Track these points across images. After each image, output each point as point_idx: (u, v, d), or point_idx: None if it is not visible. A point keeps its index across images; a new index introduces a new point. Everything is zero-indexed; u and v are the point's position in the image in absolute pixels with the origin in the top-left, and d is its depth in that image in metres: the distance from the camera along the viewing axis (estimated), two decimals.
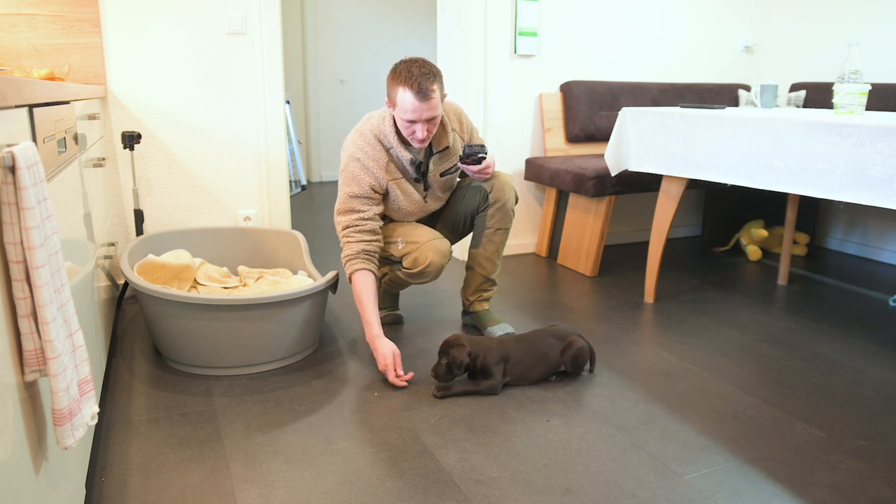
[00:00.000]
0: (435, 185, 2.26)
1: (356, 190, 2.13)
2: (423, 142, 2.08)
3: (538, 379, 2.02)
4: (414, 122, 2.03)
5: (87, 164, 1.88)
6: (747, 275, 3.24)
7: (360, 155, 2.13)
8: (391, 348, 2.02)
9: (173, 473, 1.54)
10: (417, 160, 2.18)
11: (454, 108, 2.28)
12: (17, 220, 0.86)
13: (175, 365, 2.11)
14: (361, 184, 2.13)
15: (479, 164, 2.18)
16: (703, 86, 3.77)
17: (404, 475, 1.55)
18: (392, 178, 2.17)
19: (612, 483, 1.52)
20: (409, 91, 1.97)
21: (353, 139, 2.18)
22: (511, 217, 2.32)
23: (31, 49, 2.53)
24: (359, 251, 2.12)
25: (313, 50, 6.09)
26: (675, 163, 2.53)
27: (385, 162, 2.15)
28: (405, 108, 2.00)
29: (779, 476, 1.56)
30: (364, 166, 2.13)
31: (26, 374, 0.91)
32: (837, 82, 2.22)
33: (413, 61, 2.01)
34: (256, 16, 2.84)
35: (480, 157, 2.17)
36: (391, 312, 2.54)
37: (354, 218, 2.13)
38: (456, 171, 2.29)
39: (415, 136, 2.05)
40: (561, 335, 2.06)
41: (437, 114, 2.04)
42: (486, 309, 2.44)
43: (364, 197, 2.13)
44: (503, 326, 2.37)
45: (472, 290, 2.43)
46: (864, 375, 2.11)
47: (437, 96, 2.01)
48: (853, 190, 1.96)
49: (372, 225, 2.14)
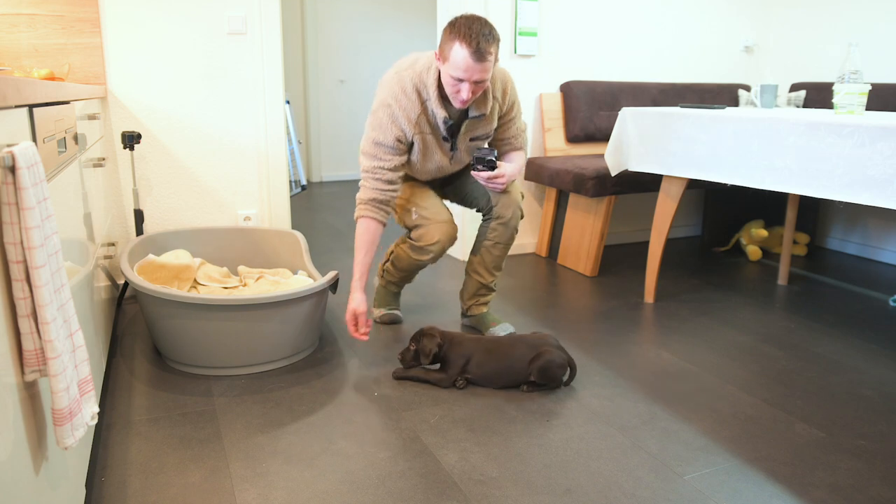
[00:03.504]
0: (461, 149, 2.21)
1: (380, 138, 2.09)
2: (466, 103, 2.00)
3: (505, 385, 1.98)
4: (461, 81, 1.95)
5: (87, 164, 1.88)
6: (747, 275, 3.24)
7: (391, 102, 2.07)
8: (356, 307, 2.11)
9: (173, 473, 1.54)
10: (451, 121, 2.12)
11: (502, 76, 2.18)
12: (17, 220, 0.86)
13: (175, 365, 2.11)
14: (386, 133, 2.09)
15: (492, 169, 2.10)
16: (703, 86, 3.77)
17: (404, 475, 1.54)
18: (419, 131, 2.11)
19: (612, 483, 1.52)
20: (465, 48, 1.89)
21: (391, 82, 2.10)
22: (513, 234, 2.30)
23: (31, 49, 2.53)
24: (370, 199, 2.13)
25: (313, 50, 6.09)
26: (675, 163, 2.53)
27: (417, 115, 2.09)
28: (457, 64, 1.92)
29: (779, 476, 1.56)
30: (393, 115, 2.08)
31: (26, 374, 0.91)
32: (837, 82, 2.22)
33: (475, 19, 1.92)
34: (256, 16, 2.84)
35: (490, 159, 2.09)
36: (389, 311, 2.53)
37: (375, 165, 2.12)
38: (485, 140, 2.23)
39: (459, 94, 1.98)
40: (535, 344, 1.98)
41: (487, 77, 1.96)
42: (484, 312, 2.43)
43: (388, 146, 2.10)
44: (504, 326, 2.37)
45: (470, 296, 2.43)
46: (864, 375, 2.11)
47: (492, 60, 1.94)
48: (853, 190, 1.96)
49: (391, 176, 2.12)
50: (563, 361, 1.97)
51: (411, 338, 2.01)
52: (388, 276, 2.48)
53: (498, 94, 2.17)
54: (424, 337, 1.98)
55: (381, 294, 2.56)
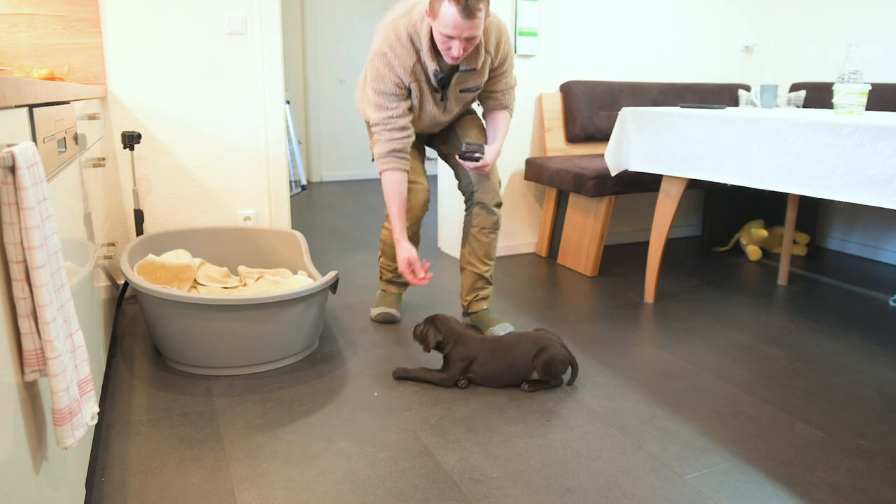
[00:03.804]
0: (452, 99, 2.23)
1: (381, 86, 2.12)
2: (457, 59, 2.01)
3: (507, 383, 1.99)
4: (452, 38, 1.95)
5: (87, 164, 1.88)
6: (747, 275, 3.24)
7: (387, 50, 2.08)
8: (407, 255, 2.15)
9: (173, 473, 1.54)
10: (441, 74, 2.13)
11: (496, 28, 2.16)
12: (17, 220, 0.86)
13: (175, 365, 2.11)
14: (385, 81, 2.11)
15: (476, 161, 2.19)
16: (703, 86, 3.77)
17: (404, 475, 1.54)
18: (415, 79, 2.13)
19: (612, 483, 1.52)
20: (454, 5, 1.88)
21: (387, 30, 2.10)
22: (497, 220, 2.35)
23: (31, 49, 2.53)
24: (389, 150, 2.15)
25: (313, 50, 6.09)
26: (676, 163, 2.53)
27: (413, 63, 2.10)
28: (446, 22, 1.91)
29: (779, 476, 1.56)
30: (389, 63, 2.09)
31: (26, 374, 0.91)
32: (837, 82, 2.22)
33: None
34: (256, 16, 2.84)
35: (477, 156, 2.18)
36: (386, 311, 2.51)
37: (384, 116, 2.14)
38: (475, 91, 2.25)
39: (450, 51, 1.98)
40: (538, 340, 2.00)
41: (477, 34, 1.96)
42: (484, 309, 2.44)
43: (390, 94, 2.12)
44: (504, 326, 2.37)
45: (468, 290, 2.44)
46: (864, 375, 2.11)
47: (482, 17, 1.93)
48: (853, 190, 1.96)
49: (402, 122, 2.15)
50: (565, 358, 1.98)
51: (426, 318, 2.04)
52: (385, 268, 2.51)
53: (491, 48, 2.16)
54: (433, 326, 2.01)
55: (382, 297, 2.57)
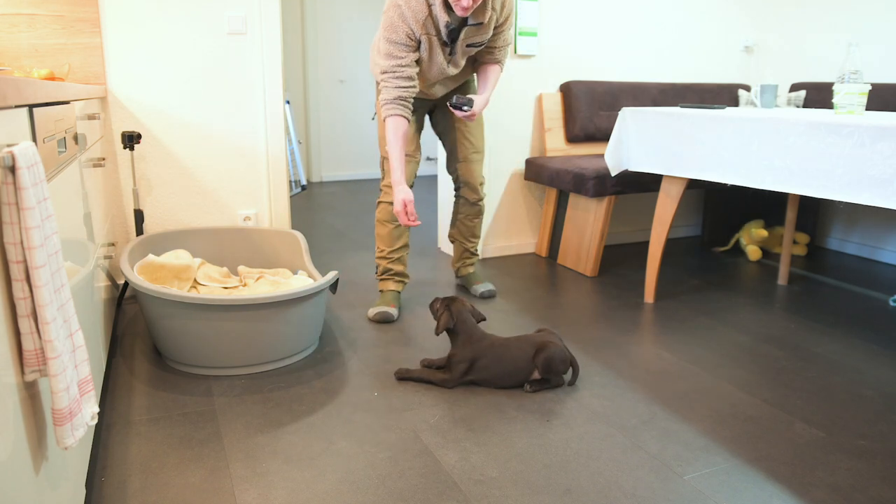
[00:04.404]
0: (459, 53, 2.36)
1: (393, 36, 2.24)
2: (467, 10, 2.14)
3: (510, 385, 1.98)
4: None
5: (86, 164, 1.88)
6: (747, 275, 3.24)
7: (401, 2, 2.22)
8: (404, 196, 2.29)
9: (173, 473, 1.54)
10: (452, 25, 2.26)
11: None
12: (17, 220, 0.86)
13: (175, 365, 2.11)
14: (398, 31, 2.23)
15: (465, 112, 2.40)
16: (703, 86, 3.77)
17: (404, 475, 1.54)
18: (426, 32, 2.26)
19: (612, 483, 1.52)
20: None
21: None
22: (480, 211, 2.74)
23: (31, 49, 2.53)
24: (395, 97, 2.28)
25: (313, 50, 6.09)
26: (676, 163, 2.53)
27: (424, 17, 2.23)
28: None
29: (779, 476, 1.56)
30: (402, 14, 2.22)
31: (26, 374, 0.91)
32: (837, 82, 2.22)
33: None
34: (256, 16, 2.84)
35: (466, 108, 2.39)
36: (383, 310, 2.51)
37: (393, 64, 2.26)
38: (480, 46, 2.39)
39: (460, 2, 2.12)
40: (539, 340, 2.00)
41: None
42: (471, 272, 2.89)
43: (401, 43, 2.25)
44: (485, 285, 2.83)
45: (457, 259, 2.91)
46: (865, 375, 2.11)
47: None
48: (853, 190, 1.96)
49: (409, 72, 2.28)
50: (565, 356, 1.98)
51: (445, 297, 2.06)
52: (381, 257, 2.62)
53: (497, 6, 2.31)
54: (447, 311, 2.02)
55: (380, 297, 2.61)
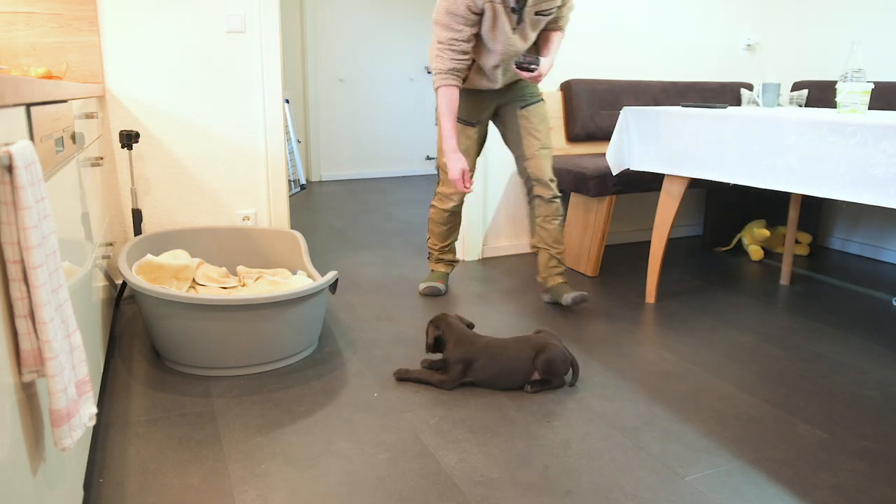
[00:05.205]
0: (527, 21, 2.36)
1: (453, 7, 2.26)
2: None
3: (510, 387, 1.97)
4: None
5: (84, 164, 1.87)
6: (749, 275, 3.23)
7: None
8: (461, 165, 2.41)
9: (172, 474, 1.53)
10: None
11: None
12: (14, 220, 0.85)
13: (174, 365, 2.10)
14: (458, 2, 2.25)
15: (532, 72, 2.37)
16: (705, 84, 3.76)
17: (404, 476, 1.54)
18: (489, 1, 2.24)
19: (613, 484, 1.51)
20: None
21: None
22: (558, 208, 2.62)
23: (29, 47, 2.52)
24: (450, 69, 2.34)
25: (313, 49, 6.08)
26: (677, 162, 2.53)
27: None
28: None
29: (781, 477, 1.55)
30: None
31: (24, 375, 0.90)
32: (840, 81, 2.21)
33: None
34: (255, 14, 2.83)
35: (532, 67, 2.36)
36: (432, 284, 2.81)
37: (451, 37, 2.30)
38: (548, 16, 2.40)
39: None
40: (539, 342, 1.99)
41: None
42: (560, 283, 2.70)
43: (460, 15, 2.26)
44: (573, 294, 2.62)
45: (543, 268, 2.72)
46: (867, 376, 2.10)
47: None
48: (856, 189, 1.95)
49: (464, 46, 2.32)
50: (566, 357, 1.97)
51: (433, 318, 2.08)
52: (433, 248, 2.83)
53: None
54: (431, 324, 2.05)
55: (431, 275, 2.90)
